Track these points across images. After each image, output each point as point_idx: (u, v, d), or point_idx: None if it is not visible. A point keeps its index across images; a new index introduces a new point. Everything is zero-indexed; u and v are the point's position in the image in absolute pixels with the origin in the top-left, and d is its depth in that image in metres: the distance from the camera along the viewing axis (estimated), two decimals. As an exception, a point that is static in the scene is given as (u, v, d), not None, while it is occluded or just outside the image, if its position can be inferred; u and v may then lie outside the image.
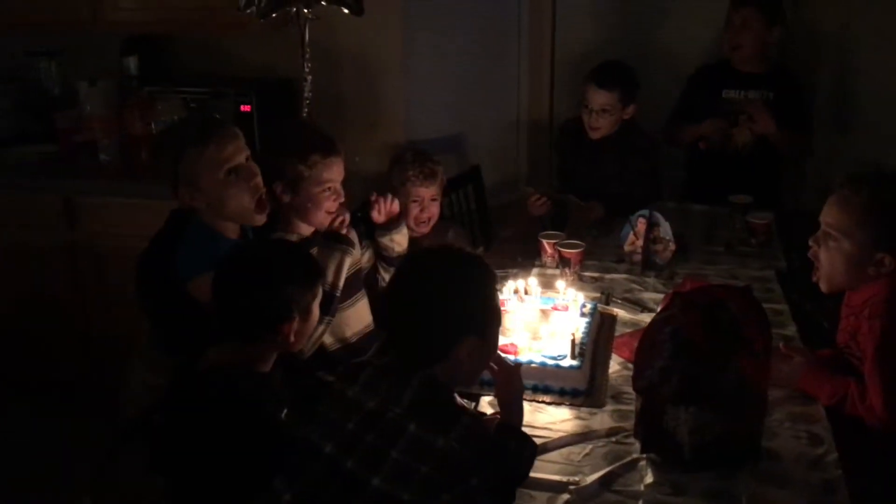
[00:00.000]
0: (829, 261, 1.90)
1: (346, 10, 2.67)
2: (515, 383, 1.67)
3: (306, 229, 2.21)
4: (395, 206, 2.44)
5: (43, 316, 3.18)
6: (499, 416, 1.67)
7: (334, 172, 2.16)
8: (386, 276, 2.46)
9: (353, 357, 2.23)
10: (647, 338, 1.65)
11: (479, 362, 1.54)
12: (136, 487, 1.99)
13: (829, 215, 1.90)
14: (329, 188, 2.15)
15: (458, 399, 1.87)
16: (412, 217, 2.65)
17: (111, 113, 3.23)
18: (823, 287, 1.98)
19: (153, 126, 3.16)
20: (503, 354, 1.77)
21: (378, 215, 2.42)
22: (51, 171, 3.26)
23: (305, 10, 2.62)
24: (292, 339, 1.68)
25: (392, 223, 2.44)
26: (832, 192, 1.92)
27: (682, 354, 1.59)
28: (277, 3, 2.45)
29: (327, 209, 2.17)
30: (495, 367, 1.66)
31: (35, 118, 3.39)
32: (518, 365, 1.77)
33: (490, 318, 1.52)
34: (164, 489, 1.82)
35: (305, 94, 2.66)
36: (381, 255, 2.48)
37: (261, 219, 2.07)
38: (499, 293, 1.57)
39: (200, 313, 1.78)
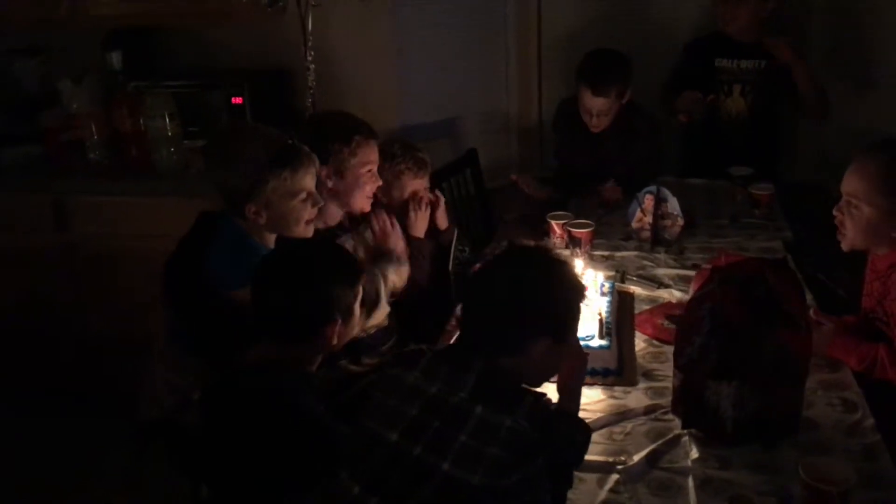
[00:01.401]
0: (853, 228, 1.94)
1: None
2: (582, 370, 1.69)
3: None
4: (397, 236, 2.34)
5: (40, 318, 3.10)
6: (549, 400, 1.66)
7: (375, 154, 2.22)
8: None
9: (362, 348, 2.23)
10: (687, 316, 1.65)
11: (550, 365, 1.53)
12: (163, 489, 1.96)
13: (848, 184, 1.94)
14: (370, 170, 2.20)
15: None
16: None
17: (98, 110, 3.14)
18: (845, 246, 2.01)
19: (142, 122, 3.09)
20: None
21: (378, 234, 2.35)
22: (38, 172, 3.17)
23: (311, -5, 2.55)
24: (335, 340, 1.65)
25: (388, 256, 2.30)
26: (851, 161, 1.95)
27: (719, 331, 1.60)
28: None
29: (368, 193, 2.22)
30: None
31: (17, 119, 3.28)
32: (587, 353, 1.76)
33: (572, 326, 1.53)
34: (191, 491, 1.80)
35: (310, 84, 2.60)
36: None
37: (309, 231, 2.05)
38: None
39: (240, 317, 1.73)
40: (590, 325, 1.99)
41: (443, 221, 2.65)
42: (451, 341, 1.71)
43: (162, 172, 3.07)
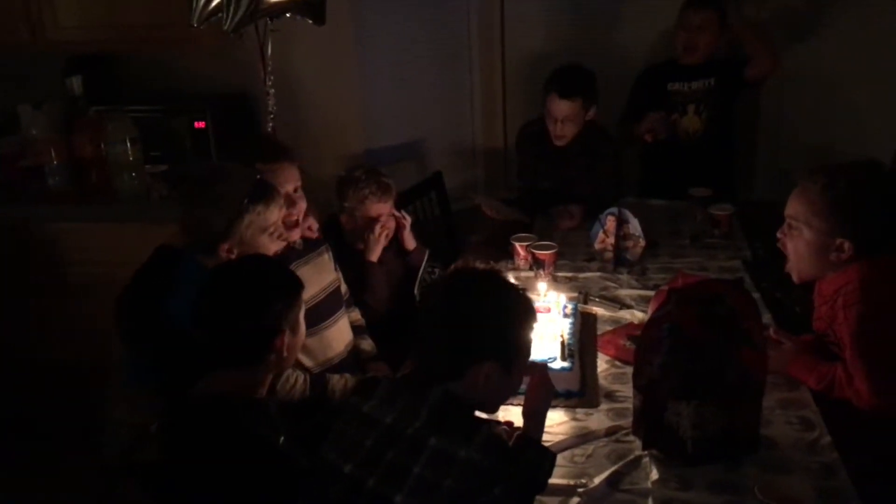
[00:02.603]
0: (794, 250, 1.98)
1: (310, 21, 2.62)
2: (548, 397, 1.67)
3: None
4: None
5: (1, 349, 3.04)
6: (507, 426, 1.66)
7: (287, 175, 2.15)
8: None
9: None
10: (645, 336, 1.66)
11: (496, 392, 1.51)
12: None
13: (790, 207, 1.99)
14: (285, 191, 2.12)
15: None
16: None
17: (58, 136, 3.11)
18: (794, 277, 2.05)
19: (103, 147, 3.06)
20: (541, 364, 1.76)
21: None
22: (-4, 199, 3.13)
23: (269, 22, 2.56)
24: (285, 353, 1.65)
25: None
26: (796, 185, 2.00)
27: (680, 350, 1.61)
28: (251, 16, 2.39)
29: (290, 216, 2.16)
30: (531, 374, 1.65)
31: (-26, 144, 3.24)
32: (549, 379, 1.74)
33: (518, 352, 1.51)
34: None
35: (270, 108, 2.60)
36: None
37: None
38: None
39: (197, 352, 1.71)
40: (551, 347, 2.01)
41: (410, 242, 2.68)
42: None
43: (123, 198, 3.05)
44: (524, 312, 1.51)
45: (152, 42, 3.09)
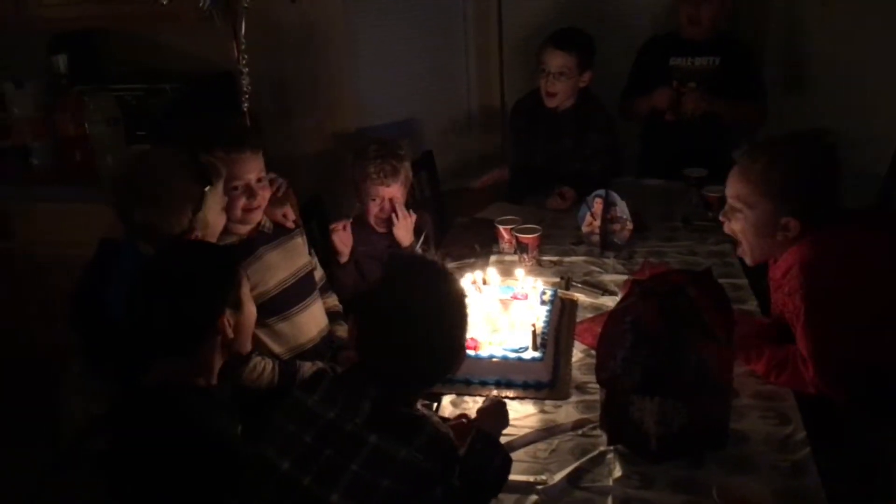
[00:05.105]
0: (741, 233, 1.92)
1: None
2: (499, 426, 1.65)
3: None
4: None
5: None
6: (461, 419, 1.61)
7: (244, 168, 2.06)
8: None
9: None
10: (608, 329, 1.60)
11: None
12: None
13: (731, 188, 1.91)
14: (235, 186, 2.05)
15: (420, 405, 1.82)
16: (372, 216, 2.57)
17: (41, 115, 3.07)
18: (747, 260, 1.99)
19: (87, 126, 3.02)
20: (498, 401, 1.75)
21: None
22: (-23, 179, 3.10)
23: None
24: (230, 333, 1.59)
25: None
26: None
27: (642, 344, 1.55)
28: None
29: (238, 207, 2.08)
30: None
31: (-46, 124, 3.21)
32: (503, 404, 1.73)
33: (459, 352, 1.45)
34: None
35: (245, 88, 2.54)
36: None
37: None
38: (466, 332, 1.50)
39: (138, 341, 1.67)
40: (523, 336, 1.95)
41: (405, 237, 2.58)
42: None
43: (106, 178, 3.00)
44: (463, 313, 1.45)
45: (135, 18, 3.03)
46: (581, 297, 2.31)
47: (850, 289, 1.73)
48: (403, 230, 2.55)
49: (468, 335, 1.51)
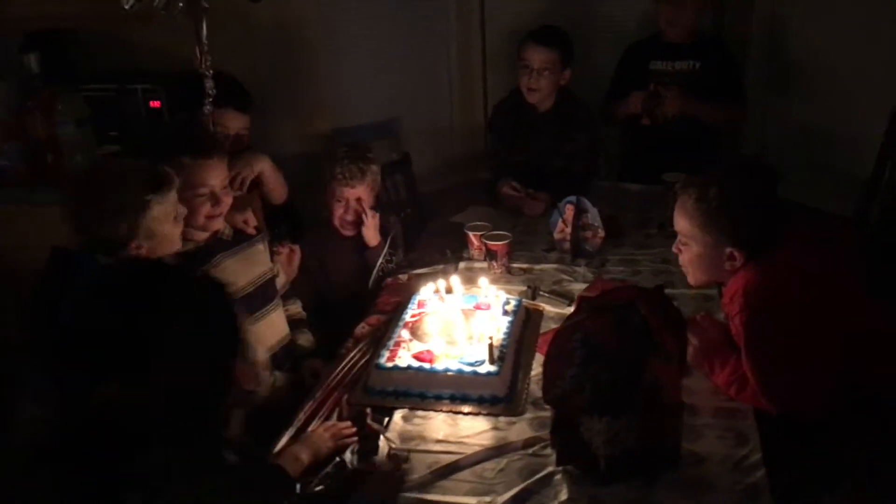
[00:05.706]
0: (689, 264, 1.95)
1: (245, -2, 2.50)
2: None
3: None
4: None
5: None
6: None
7: (207, 174, 2.03)
8: None
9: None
10: (556, 346, 1.55)
11: None
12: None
13: (676, 222, 1.95)
14: (200, 193, 2.02)
15: (370, 418, 1.78)
16: (336, 217, 2.58)
17: (11, 116, 3.02)
18: (690, 281, 2.01)
19: (58, 128, 2.98)
20: None
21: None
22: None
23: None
24: None
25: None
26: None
27: (594, 361, 1.50)
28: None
29: (202, 214, 2.05)
30: None
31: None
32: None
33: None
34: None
35: (209, 91, 2.49)
36: None
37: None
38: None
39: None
40: (481, 348, 1.90)
41: (372, 239, 2.57)
42: None
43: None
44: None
45: (107, 17, 2.97)
46: (547, 308, 2.26)
47: (791, 311, 1.72)
48: (371, 230, 2.57)
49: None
